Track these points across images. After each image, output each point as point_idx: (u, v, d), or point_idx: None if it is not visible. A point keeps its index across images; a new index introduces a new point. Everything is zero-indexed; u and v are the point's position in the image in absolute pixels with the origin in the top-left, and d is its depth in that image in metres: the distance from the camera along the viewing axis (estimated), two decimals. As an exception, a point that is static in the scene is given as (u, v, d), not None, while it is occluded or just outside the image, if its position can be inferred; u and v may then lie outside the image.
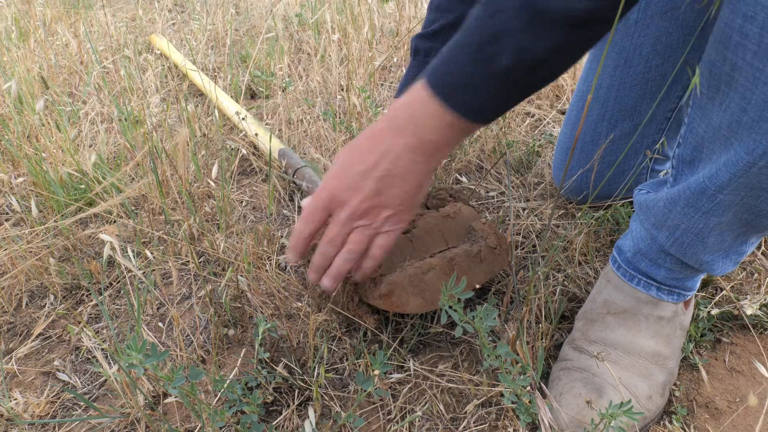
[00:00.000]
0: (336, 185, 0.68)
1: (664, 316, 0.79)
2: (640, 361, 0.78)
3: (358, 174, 0.66)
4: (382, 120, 0.66)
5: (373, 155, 0.65)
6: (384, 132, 0.66)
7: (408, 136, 0.64)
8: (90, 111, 1.67)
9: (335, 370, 0.88)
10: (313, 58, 1.93)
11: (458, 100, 0.60)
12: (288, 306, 0.99)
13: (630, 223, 0.83)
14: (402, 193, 0.67)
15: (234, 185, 1.37)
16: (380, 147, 0.65)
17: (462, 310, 0.68)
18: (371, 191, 0.66)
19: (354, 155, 0.67)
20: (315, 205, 0.71)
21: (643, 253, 0.78)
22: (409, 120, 0.63)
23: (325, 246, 0.73)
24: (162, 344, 0.94)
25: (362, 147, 0.67)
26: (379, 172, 0.65)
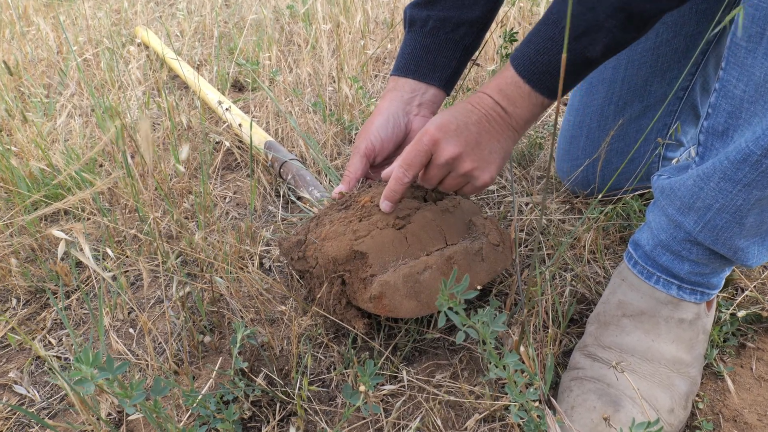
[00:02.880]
0: (440, 133, 0.71)
1: (686, 318, 0.71)
2: (659, 369, 0.70)
3: (462, 124, 0.71)
4: (475, 96, 0.73)
5: (475, 114, 0.72)
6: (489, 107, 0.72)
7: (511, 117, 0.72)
8: (67, 104, 1.59)
9: (321, 381, 0.79)
10: (304, 49, 1.85)
11: (549, 84, 0.68)
12: (271, 310, 0.90)
13: (647, 214, 0.75)
14: (496, 152, 0.73)
15: (217, 180, 1.28)
16: (480, 110, 0.72)
17: (464, 313, 0.59)
18: (472, 142, 0.71)
19: (456, 113, 0.72)
20: (418, 149, 0.72)
21: (665, 245, 0.70)
22: (507, 102, 0.71)
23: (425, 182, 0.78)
24: (132, 353, 0.86)
25: (464, 107, 0.73)
26: (479, 127, 0.71)
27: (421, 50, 0.89)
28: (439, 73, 0.90)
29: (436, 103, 0.93)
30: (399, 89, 0.91)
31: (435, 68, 0.90)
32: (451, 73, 0.91)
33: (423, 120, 0.92)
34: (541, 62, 0.67)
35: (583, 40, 0.64)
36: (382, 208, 0.77)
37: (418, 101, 0.91)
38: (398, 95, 0.90)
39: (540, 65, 0.67)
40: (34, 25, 2.13)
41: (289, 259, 0.81)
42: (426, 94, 0.91)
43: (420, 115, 0.92)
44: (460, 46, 0.89)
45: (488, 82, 0.72)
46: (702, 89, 0.95)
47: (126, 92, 1.66)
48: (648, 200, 1.08)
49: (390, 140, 0.89)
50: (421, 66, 0.90)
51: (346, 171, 0.87)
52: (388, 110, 0.89)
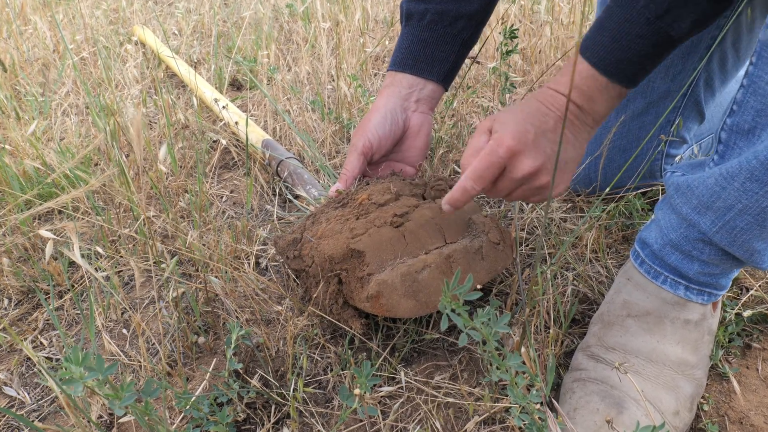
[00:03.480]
0: (518, 145, 0.65)
1: (692, 319, 0.69)
2: (664, 371, 0.68)
3: (540, 132, 0.66)
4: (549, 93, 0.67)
5: (551, 118, 0.66)
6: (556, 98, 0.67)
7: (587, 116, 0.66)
8: (62, 102, 1.57)
9: (318, 382, 0.78)
10: (303, 48, 1.83)
11: (628, 72, 0.62)
12: (267, 310, 0.89)
13: (656, 212, 0.73)
14: (572, 159, 0.68)
15: (214, 179, 1.27)
16: (556, 112, 0.66)
17: (467, 314, 0.57)
18: (551, 153, 0.66)
19: (531, 118, 0.66)
20: (492, 160, 0.66)
21: (675, 244, 0.68)
22: (583, 100, 0.65)
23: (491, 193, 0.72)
24: (125, 354, 0.84)
25: (538, 109, 0.67)
26: (557, 134, 0.67)
27: (419, 44, 0.88)
28: (437, 67, 0.89)
29: (435, 98, 0.92)
30: (396, 85, 0.89)
31: (433, 63, 0.88)
32: (449, 67, 0.90)
33: (421, 116, 0.90)
34: (618, 49, 0.61)
35: (667, 17, 0.58)
36: (443, 209, 0.73)
37: (416, 97, 0.90)
38: (396, 91, 0.89)
39: (618, 53, 0.61)
40: (31, 24, 2.12)
41: (285, 258, 0.79)
42: (424, 89, 0.90)
43: (418, 111, 0.90)
44: (458, 39, 0.88)
45: (558, 77, 0.67)
46: (706, 85, 0.94)
47: (123, 91, 1.65)
48: (651, 198, 1.06)
49: (388, 137, 0.87)
50: (418, 60, 0.88)
51: (344, 169, 0.85)
52: (386, 107, 0.87)
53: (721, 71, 0.93)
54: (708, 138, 1.08)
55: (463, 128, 1.29)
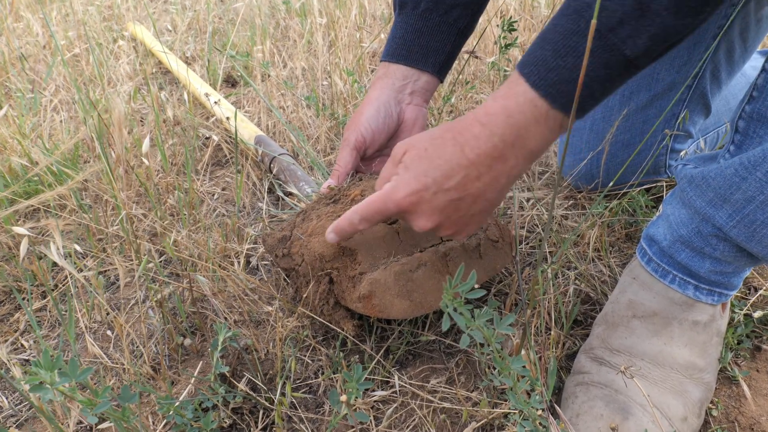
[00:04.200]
0: (410, 205, 0.59)
1: (700, 320, 0.66)
2: (671, 375, 0.65)
3: (441, 189, 0.57)
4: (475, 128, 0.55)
5: (463, 164, 0.56)
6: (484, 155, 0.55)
7: (512, 158, 0.55)
8: (53, 99, 1.54)
9: (308, 386, 0.74)
10: (298, 43, 1.80)
11: (573, 97, 0.50)
12: (257, 311, 0.85)
13: (663, 207, 0.70)
14: (483, 210, 0.60)
15: (206, 176, 1.23)
16: (471, 155, 0.55)
17: (469, 314, 0.53)
18: (452, 209, 0.58)
19: (436, 166, 0.57)
20: (379, 209, 0.61)
21: (685, 240, 0.65)
22: (514, 137, 0.54)
23: None
24: (108, 356, 0.81)
25: (450, 151, 0.56)
26: (465, 188, 0.57)
27: (413, 34, 0.84)
28: (432, 58, 0.85)
29: (430, 90, 0.88)
30: (390, 76, 0.86)
31: (428, 53, 0.85)
32: (445, 58, 0.86)
33: (416, 109, 0.87)
34: (563, 67, 0.50)
35: (621, 31, 0.48)
36: (328, 239, 0.67)
37: (411, 89, 0.86)
38: (389, 83, 0.85)
39: (562, 72, 0.50)
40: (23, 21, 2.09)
41: (274, 256, 0.76)
42: (419, 81, 0.86)
43: (413, 103, 0.87)
44: (454, 29, 0.84)
45: (488, 102, 0.55)
46: (712, 77, 0.90)
47: (115, 87, 1.62)
48: (655, 195, 1.03)
49: (381, 131, 0.84)
50: (413, 51, 0.85)
51: (336, 165, 0.82)
52: (379, 99, 0.84)
53: (728, 62, 0.90)
54: (713, 132, 1.04)
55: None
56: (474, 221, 0.61)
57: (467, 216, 0.59)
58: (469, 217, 0.59)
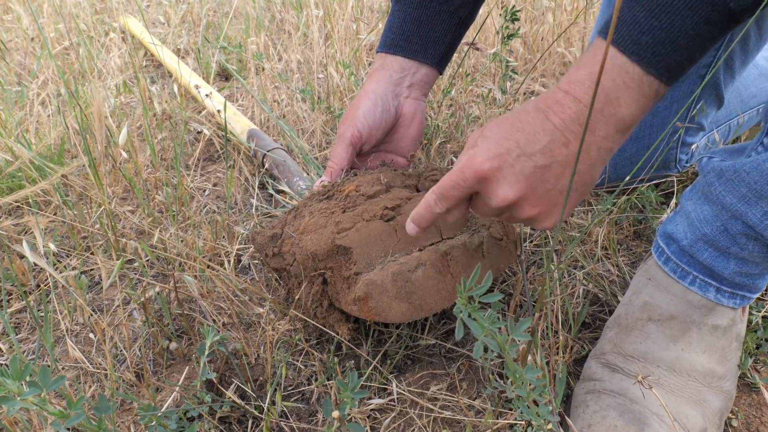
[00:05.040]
0: (491, 168, 0.52)
1: (720, 325, 0.62)
2: (689, 383, 0.60)
3: (526, 154, 0.51)
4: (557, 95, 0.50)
5: (547, 132, 0.50)
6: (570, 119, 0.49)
7: (601, 127, 0.49)
8: (41, 92, 1.49)
9: (300, 393, 0.70)
10: (294, 36, 1.76)
11: (671, 59, 0.46)
12: (247, 313, 0.81)
13: (683, 202, 0.65)
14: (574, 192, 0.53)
15: (197, 171, 1.19)
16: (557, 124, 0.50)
17: (483, 319, 0.49)
18: (538, 181, 0.51)
19: (520, 131, 0.51)
20: (458, 181, 0.54)
21: (709, 239, 0.60)
22: (602, 103, 0.48)
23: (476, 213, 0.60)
24: (90, 361, 0.76)
25: (534, 118, 0.51)
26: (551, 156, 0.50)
27: (412, 23, 0.80)
28: (432, 49, 0.81)
29: (428, 83, 0.84)
30: (387, 68, 0.81)
31: (427, 44, 0.80)
32: (445, 49, 0.82)
33: (414, 103, 0.82)
34: (658, 28, 0.45)
35: None
36: (408, 230, 0.60)
37: (409, 81, 0.82)
38: (386, 75, 0.81)
39: (657, 32, 0.45)
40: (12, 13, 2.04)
41: (264, 255, 0.71)
42: (417, 73, 0.82)
43: (411, 97, 0.82)
44: (454, 18, 0.80)
45: (571, 71, 0.50)
46: (725, 66, 0.86)
47: (105, 80, 1.57)
48: (664, 191, 0.98)
49: (378, 127, 0.79)
50: (411, 41, 0.80)
51: (330, 161, 0.77)
52: (376, 93, 0.79)
53: (742, 51, 0.85)
54: (725, 125, 1.00)
55: (462, 118, 1.22)
56: (562, 201, 0.53)
57: (556, 192, 0.52)
58: (558, 194, 0.52)
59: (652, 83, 0.47)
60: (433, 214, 0.57)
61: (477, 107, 1.27)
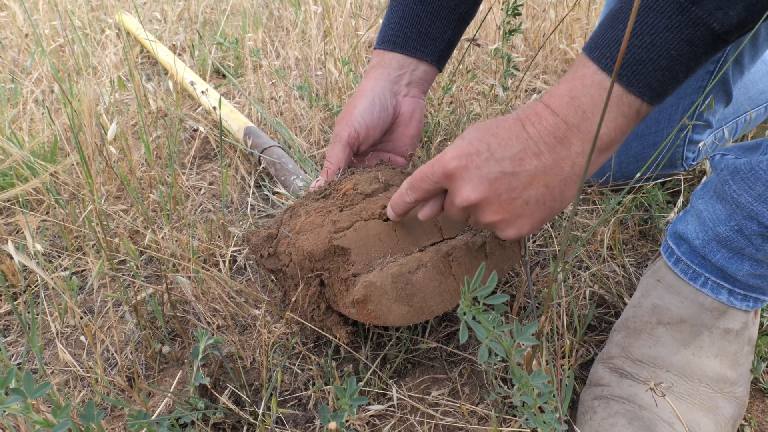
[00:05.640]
0: (457, 166, 0.52)
1: (732, 328, 0.59)
2: (700, 389, 0.58)
3: (494, 157, 0.50)
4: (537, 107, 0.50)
5: (520, 140, 0.50)
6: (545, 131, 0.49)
7: (576, 143, 0.49)
8: (35, 89, 1.47)
9: (297, 399, 0.68)
10: (292, 33, 1.73)
11: (652, 79, 0.45)
12: (242, 315, 0.78)
13: (693, 201, 0.63)
14: (538, 200, 0.52)
15: (193, 170, 1.16)
16: (530, 133, 0.50)
17: (488, 321, 0.46)
18: (502, 186, 0.51)
19: (492, 134, 0.51)
20: (427, 174, 0.55)
21: (722, 239, 0.58)
22: (579, 119, 0.48)
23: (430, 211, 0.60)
24: (81, 365, 0.74)
25: (508, 126, 0.51)
26: (519, 164, 0.50)
27: (411, 19, 0.77)
28: (431, 46, 0.78)
29: (427, 81, 0.82)
30: (385, 65, 0.79)
31: (426, 40, 0.78)
32: (444, 46, 0.80)
33: (413, 101, 0.80)
34: (639, 47, 0.45)
35: (707, 3, 0.42)
36: (389, 216, 0.63)
37: (407, 79, 0.79)
38: (384, 73, 0.78)
39: (638, 51, 0.45)
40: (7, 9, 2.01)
41: (259, 256, 0.69)
42: (416, 70, 0.79)
43: (410, 95, 0.80)
44: (454, 14, 0.78)
45: (554, 86, 0.50)
46: (735, 61, 0.84)
47: (101, 78, 1.54)
48: (670, 190, 0.96)
49: (376, 126, 0.77)
50: (410, 38, 0.78)
51: (326, 161, 0.75)
52: (373, 91, 0.77)
53: (752, 45, 0.83)
54: (732, 122, 0.98)
55: (462, 115, 1.19)
56: (528, 213, 0.52)
57: (521, 202, 0.51)
58: (523, 204, 0.51)
59: (632, 102, 0.46)
60: (405, 202, 0.59)
61: (478, 104, 1.25)
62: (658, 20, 0.44)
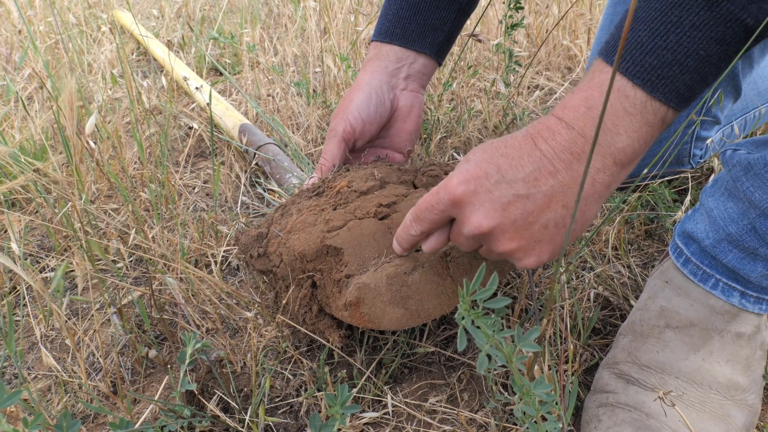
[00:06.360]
0: (465, 192, 0.47)
1: (745, 332, 0.57)
2: (711, 396, 0.55)
3: (506, 180, 0.46)
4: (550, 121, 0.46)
5: (533, 159, 0.45)
6: (560, 147, 0.45)
7: (596, 157, 0.44)
8: (27, 86, 1.44)
9: (288, 405, 0.65)
10: (290, 29, 1.71)
11: (679, 83, 0.41)
12: (233, 317, 0.76)
13: (703, 199, 0.60)
14: (557, 224, 0.47)
15: (187, 168, 1.14)
16: (544, 151, 0.45)
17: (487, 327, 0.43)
18: (517, 212, 0.46)
19: (502, 154, 0.47)
20: (432, 204, 0.50)
21: (734, 239, 0.55)
22: (593, 125, 0.43)
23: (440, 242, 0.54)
24: (65, 370, 0.72)
25: (520, 143, 0.46)
26: (534, 186, 0.45)
27: (409, 10, 0.74)
28: (430, 38, 0.76)
29: (427, 74, 0.79)
30: (382, 58, 0.76)
31: (425, 32, 0.75)
32: (444, 38, 0.77)
33: (411, 95, 0.77)
34: (664, 48, 0.40)
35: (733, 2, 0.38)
36: (395, 250, 0.58)
37: (406, 72, 0.77)
38: (381, 65, 0.76)
39: (663, 53, 0.40)
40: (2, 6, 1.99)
41: (249, 256, 0.66)
42: (415, 63, 0.77)
43: (408, 89, 0.77)
44: (455, 5, 0.75)
45: (567, 97, 0.46)
46: (744, 55, 0.80)
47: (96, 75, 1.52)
48: (677, 188, 0.93)
49: (372, 121, 0.74)
50: (408, 29, 0.75)
51: (321, 157, 0.72)
52: (370, 84, 0.74)
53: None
54: (741, 118, 0.94)
55: (464, 112, 1.17)
56: (548, 238, 0.47)
57: (539, 227, 0.46)
58: (542, 228, 0.46)
59: (658, 110, 0.42)
60: (410, 236, 0.54)
61: (479, 101, 1.22)
62: (684, 18, 0.40)
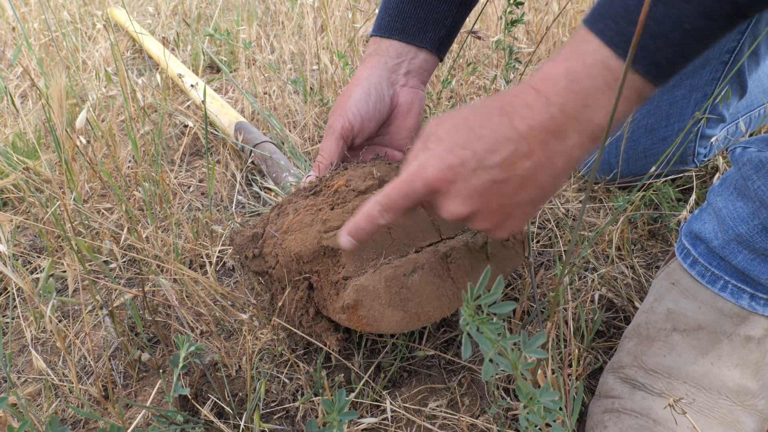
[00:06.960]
0: (442, 180, 0.46)
1: (754, 336, 0.55)
2: (720, 402, 0.54)
3: (483, 165, 0.45)
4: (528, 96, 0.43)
5: (511, 139, 0.44)
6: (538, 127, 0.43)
7: (573, 135, 0.43)
8: (21, 84, 1.43)
9: (285, 411, 0.63)
10: (287, 27, 1.69)
11: (660, 56, 0.40)
12: (228, 320, 0.74)
13: (710, 198, 0.58)
14: (530, 201, 0.47)
15: (183, 166, 1.12)
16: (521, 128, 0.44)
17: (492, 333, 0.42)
18: (493, 195, 0.46)
19: (477, 135, 0.45)
20: (406, 191, 0.48)
21: (744, 239, 0.53)
22: (578, 107, 0.42)
23: None
24: (56, 373, 0.70)
25: (495, 121, 0.45)
26: (511, 168, 0.44)
27: (410, 4, 0.73)
28: (431, 32, 0.74)
29: (427, 70, 0.77)
30: (382, 53, 0.74)
31: (426, 26, 0.73)
32: (445, 33, 0.75)
33: (411, 91, 0.75)
34: (650, 17, 0.39)
35: None
36: (341, 244, 0.53)
37: (406, 68, 0.75)
38: (381, 61, 0.74)
39: (649, 22, 0.39)
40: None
41: (243, 257, 0.64)
42: (415, 59, 0.75)
43: (408, 85, 0.75)
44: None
45: (546, 65, 0.44)
46: (751, 52, 0.79)
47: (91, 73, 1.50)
48: (681, 187, 0.91)
49: (371, 118, 0.72)
50: (408, 24, 0.73)
51: (319, 155, 0.70)
52: (369, 80, 0.72)
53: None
54: (746, 116, 0.93)
55: (463, 110, 1.15)
56: (519, 213, 0.48)
57: (511, 205, 0.46)
58: (514, 206, 0.47)
59: (636, 82, 0.41)
60: (377, 225, 0.51)
61: (479, 99, 1.20)
62: None
